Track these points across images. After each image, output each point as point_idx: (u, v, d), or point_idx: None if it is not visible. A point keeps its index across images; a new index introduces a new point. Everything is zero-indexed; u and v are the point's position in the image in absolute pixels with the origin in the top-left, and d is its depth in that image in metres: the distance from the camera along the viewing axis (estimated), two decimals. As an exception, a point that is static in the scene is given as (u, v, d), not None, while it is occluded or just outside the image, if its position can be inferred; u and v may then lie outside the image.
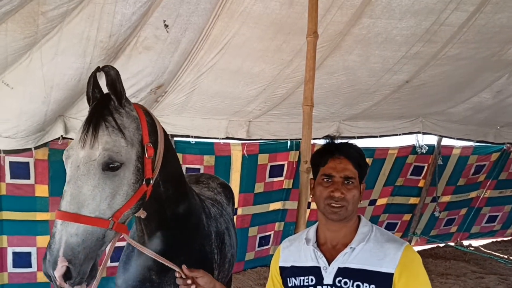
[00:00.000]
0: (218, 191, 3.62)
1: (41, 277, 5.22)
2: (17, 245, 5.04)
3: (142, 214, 1.99)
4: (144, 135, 1.83)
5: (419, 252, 7.95)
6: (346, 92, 4.93)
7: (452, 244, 8.63)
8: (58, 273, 1.57)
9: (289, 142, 5.92)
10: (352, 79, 4.66)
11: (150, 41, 3.54)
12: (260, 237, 6.49)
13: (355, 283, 1.65)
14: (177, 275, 1.88)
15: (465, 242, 8.87)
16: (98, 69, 1.77)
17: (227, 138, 5.51)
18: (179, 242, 2.25)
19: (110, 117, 1.74)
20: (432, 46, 4.21)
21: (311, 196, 1.85)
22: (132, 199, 1.75)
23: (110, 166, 1.68)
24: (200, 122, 5.22)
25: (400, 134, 6.60)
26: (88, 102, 1.87)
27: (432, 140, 7.14)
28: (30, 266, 5.13)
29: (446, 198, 7.99)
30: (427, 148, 6.97)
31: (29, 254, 5.09)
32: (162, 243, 2.18)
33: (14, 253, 5.05)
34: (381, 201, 7.41)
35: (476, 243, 8.90)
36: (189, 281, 1.84)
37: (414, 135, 6.83)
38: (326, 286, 1.71)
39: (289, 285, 1.84)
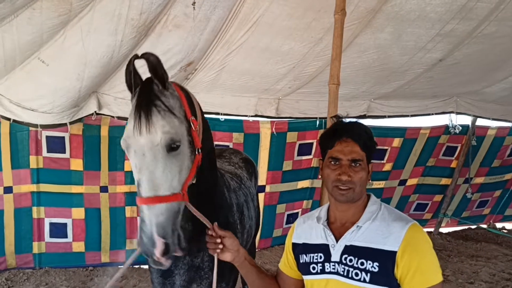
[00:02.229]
0: (240, 165, 3.69)
1: (76, 247, 5.47)
2: (54, 216, 5.28)
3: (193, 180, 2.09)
4: (186, 110, 1.91)
5: (449, 233, 7.91)
6: (377, 71, 4.85)
7: (485, 226, 8.50)
8: (158, 250, 1.70)
9: (318, 120, 5.89)
10: (383, 57, 4.57)
11: (180, 19, 3.57)
12: (288, 215, 6.55)
13: (360, 261, 1.68)
14: (208, 232, 1.97)
15: (498, 225, 8.73)
16: (136, 57, 1.81)
17: (256, 115, 5.53)
18: (209, 212, 2.30)
19: (159, 101, 1.79)
20: (467, 23, 4.06)
21: (320, 176, 1.87)
22: (192, 170, 1.90)
23: (172, 147, 1.77)
24: (229, 99, 5.26)
25: (432, 114, 6.45)
26: (130, 89, 1.91)
27: (466, 120, 6.97)
28: (66, 236, 5.38)
29: (479, 180, 7.83)
30: (460, 128, 6.81)
31: (65, 225, 5.33)
32: (191, 212, 2.24)
33: (51, 224, 5.30)
34: (412, 181, 7.32)
35: (510, 225, 8.73)
36: (218, 240, 1.93)
37: (448, 115, 6.67)
38: (333, 263, 1.75)
39: (301, 261, 1.90)
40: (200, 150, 1.96)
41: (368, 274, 1.65)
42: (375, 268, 1.65)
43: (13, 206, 5.11)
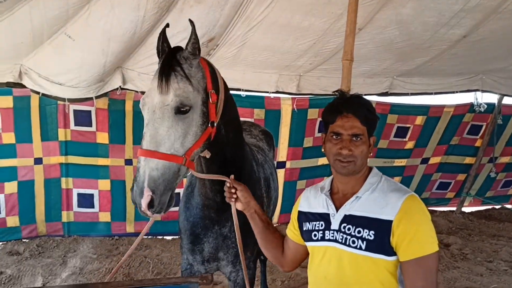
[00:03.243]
0: (260, 138, 3.79)
1: (102, 217, 5.69)
2: (81, 187, 5.51)
3: (206, 154, 2.21)
4: (208, 83, 2.04)
5: (472, 213, 7.85)
6: (399, 47, 4.79)
7: (509, 206, 8.38)
8: (144, 201, 1.81)
9: (339, 97, 5.89)
10: (405, 33, 4.51)
11: (201, -6, 3.62)
12: (308, 190, 6.61)
13: (357, 229, 1.76)
14: (226, 184, 2.20)
15: (525, 205, 8.60)
16: (167, 26, 2.02)
17: (277, 92, 5.58)
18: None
19: (179, 67, 1.94)
20: (493, -2, 3.99)
21: (323, 150, 1.93)
22: (201, 139, 2.00)
23: (181, 110, 1.90)
24: (251, 75, 5.31)
25: (457, 92, 6.36)
26: (158, 55, 2.09)
27: (492, 98, 6.85)
28: (92, 206, 5.61)
29: (505, 159, 7.72)
30: (486, 106, 6.70)
31: (91, 195, 5.54)
32: (220, 185, 2.38)
33: (79, 194, 5.53)
34: (434, 160, 7.28)
35: (536, 206, 8.60)
36: (232, 190, 2.16)
37: (473, 92, 6.56)
38: (332, 231, 1.84)
39: (304, 229, 2.00)
40: (214, 124, 2.06)
41: (364, 242, 1.73)
42: (370, 236, 1.72)
43: (43, 177, 5.35)
